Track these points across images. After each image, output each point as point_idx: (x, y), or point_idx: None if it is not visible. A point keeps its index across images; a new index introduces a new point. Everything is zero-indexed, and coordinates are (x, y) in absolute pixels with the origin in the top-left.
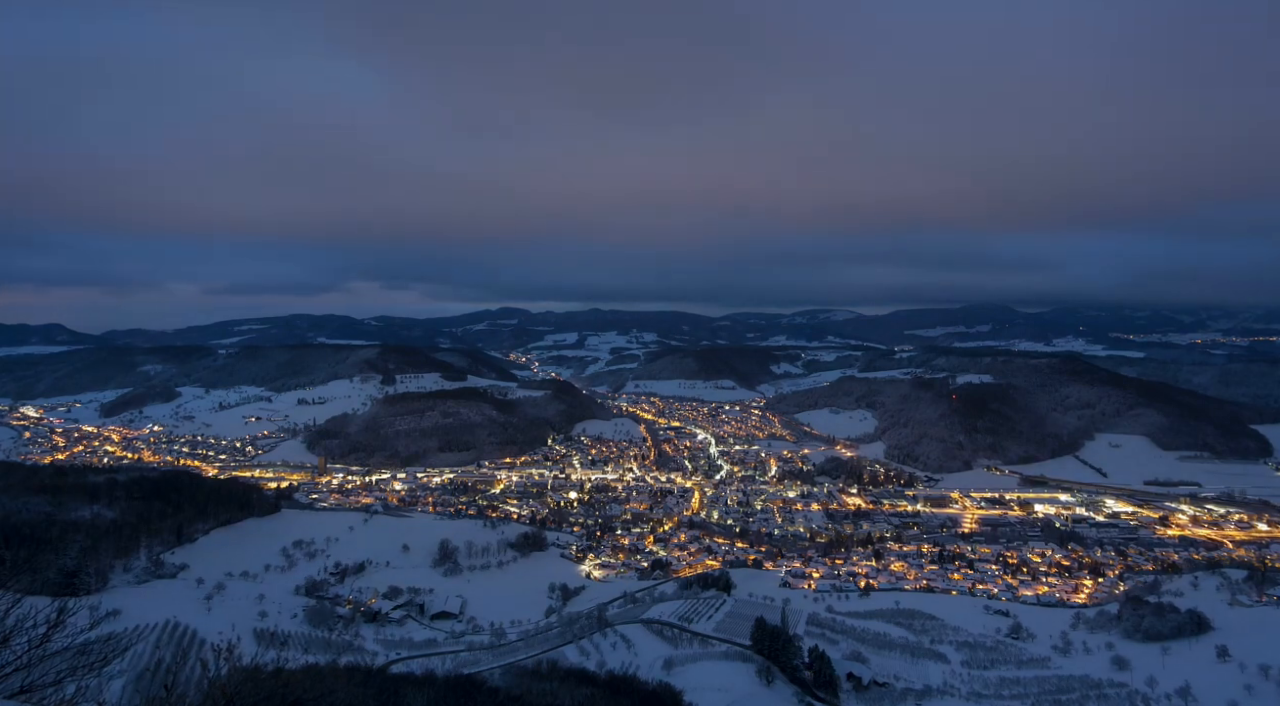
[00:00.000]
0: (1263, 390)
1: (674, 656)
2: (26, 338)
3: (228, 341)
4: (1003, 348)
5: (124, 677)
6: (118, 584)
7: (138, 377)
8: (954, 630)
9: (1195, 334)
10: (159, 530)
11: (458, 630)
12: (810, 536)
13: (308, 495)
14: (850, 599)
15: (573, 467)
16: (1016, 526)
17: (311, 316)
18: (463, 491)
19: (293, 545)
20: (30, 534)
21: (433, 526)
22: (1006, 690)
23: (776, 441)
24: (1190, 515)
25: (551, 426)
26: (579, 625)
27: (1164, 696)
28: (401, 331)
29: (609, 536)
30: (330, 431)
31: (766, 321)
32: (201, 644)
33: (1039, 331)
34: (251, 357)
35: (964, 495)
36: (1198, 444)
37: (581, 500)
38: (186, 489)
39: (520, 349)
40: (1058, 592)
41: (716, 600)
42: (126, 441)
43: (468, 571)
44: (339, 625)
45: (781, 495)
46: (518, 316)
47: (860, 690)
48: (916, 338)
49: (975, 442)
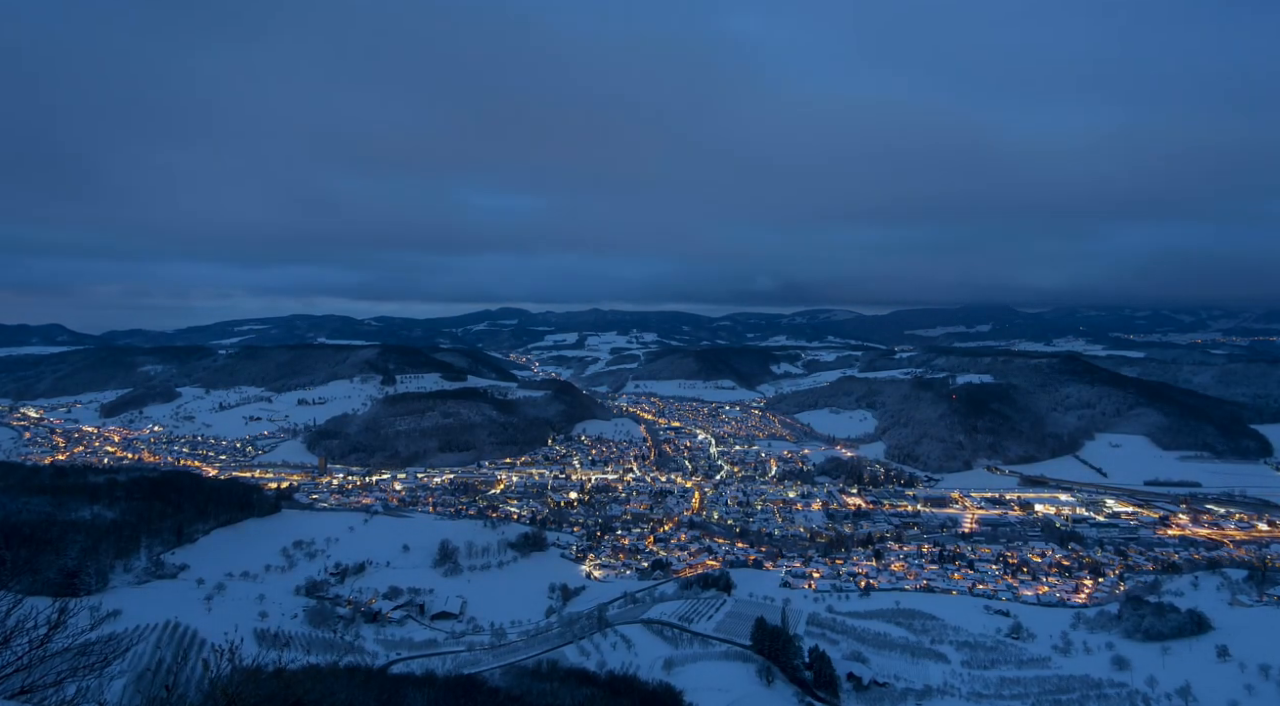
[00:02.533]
0: (1263, 390)
1: (674, 656)
2: (26, 338)
3: (228, 342)
4: (1003, 348)
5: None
6: (118, 584)
7: (138, 378)
8: (954, 630)
9: (1195, 334)
10: (159, 530)
11: (458, 630)
12: (810, 536)
13: (308, 495)
14: (850, 599)
15: (573, 468)
16: (1016, 526)
17: (311, 317)
18: (463, 491)
19: (293, 545)
20: (31, 534)
21: (433, 526)
22: (1007, 690)
23: (777, 441)
24: (1190, 515)
25: (551, 426)
26: (579, 625)
27: (1164, 696)
28: (401, 331)
29: (609, 536)
30: (330, 431)
31: (766, 321)
32: (202, 644)
33: (1039, 331)
34: (251, 358)
35: (964, 495)
36: (1198, 444)
37: (582, 500)
38: (187, 489)
39: (520, 349)
40: (1058, 592)
41: (717, 600)
42: (126, 442)
43: (468, 571)
44: (339, 625)
45: (782, 495)
46: (518, 316)
47: (860, 690)
48: (916, 337)
49: (975, 442)
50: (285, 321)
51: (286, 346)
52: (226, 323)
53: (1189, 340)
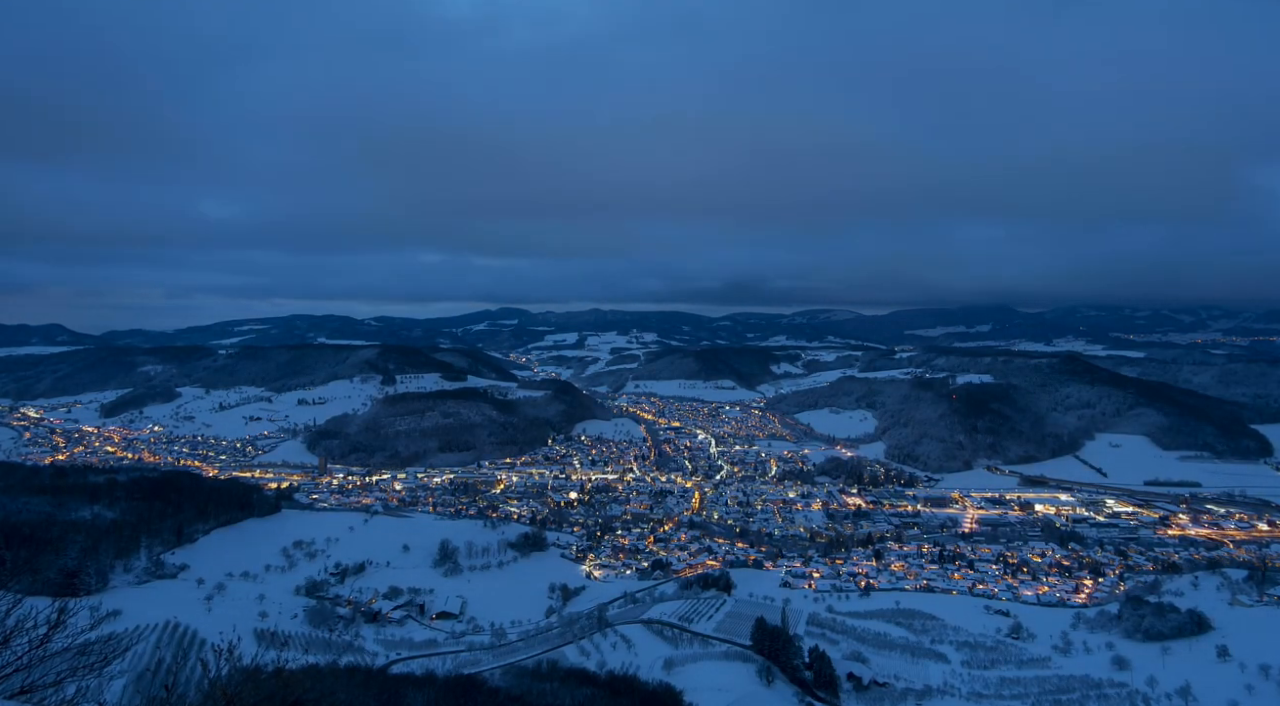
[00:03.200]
0: (1263, 390)
1: (674, 656)
2: (26, 338)
3: (228, 342)
4: (1003, 347)
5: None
6: (118, 584)
7: (138, 378)
8: (954, 630)
9: (1195, 334)
10: (159, 530)
11: (458, 630)
12: (810, 536)
13: (308, 495)
14: (850, 599)
15: (573, 468)
16: (1016, 526)
17: (311, 317)
18: (463, 491)
19: (293, 545)
20: (31, 534)
21: (433, 526)
22: (1007, 690)
23: (777, 441)
24: (1190, 515)
25: (551, 426)
26: (579, 625)
27: (1164, 696)
28: (401, 331)
29: (609, 536)
30: (330, 431)
31: (766, 321)
32: (202, 644)
33: (1039, 331)
34: (251, 358)
35: (964, 495)
36: (1198, 444)
37: (582, 500)
38: (187, 489)
39: (520, 349)
40: (1058, 592)
41: (717, 600)
42: (126, 442)
43: (468, 571)
44: (339, 625)
45: (782, 495)
46: (518, 316)
47: (860, 690)
48: (916, 337)
49: (975, 442)
50: (285, 321)
51: (286, 346)
52: (226, 322)
53: (1189, 340)
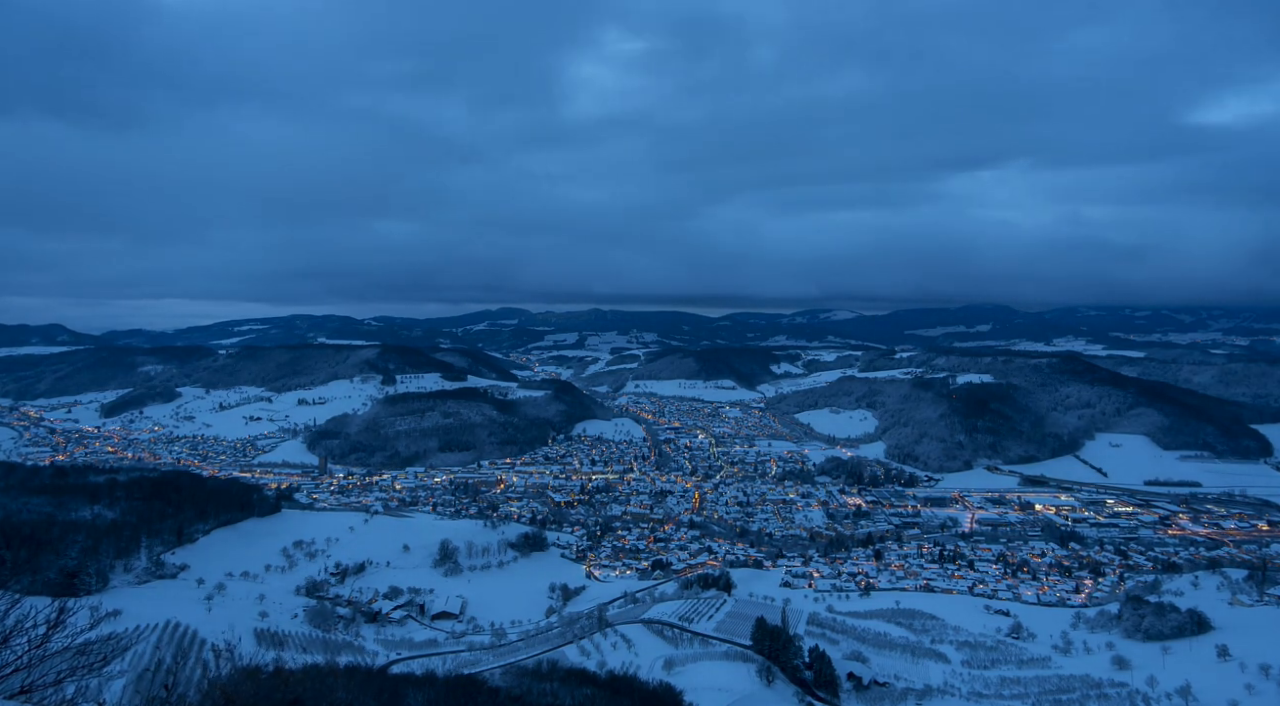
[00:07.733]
0: (1263, 390)
1: (674, 656)
2: (26, 338)
3: (228, 342)
4: (1003, 347)
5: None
6: (118, 584)
7: (138, 378)
8: (954, 630)
9: (1195, 334)
10: (159, 530)
11: (458, 630)
12: (810, 536)
13: (308, 495)
14: (851, 599)
15: (573, 468)
16: (1017, 526)
17: (311, 316)
18: (463, 491)
19: (293, 545)
20: (31, 534)
21: (433, 526)
22: (1007, 690)
23: (777, 441)
24: (1190, 514)
25: (552, 426)
26: (579, 625)
27: (1164, 696)
28: (401, 331)
29: (609, 536)
30: (330, 431)
31: (766, 321)
32: (202, 644)
33: (1039, 331)
34: (251, 358)
35: (964, 495)
36: (1198, 443)
37: (582, 500)
38: (187, 489)
39: (520, 349)
40: (1058, 592)
41: (717, 600)
42: (127, 442)
43: (468, 571)
44: (339, 625)
45: (782, 495)
46: (518, 317)
47: (861, 690)
48: (916, 337)
49: (975, 442)
50: (285, 321)
51: (286, 346)
52: (226, 322)
53: (1189, 340)
